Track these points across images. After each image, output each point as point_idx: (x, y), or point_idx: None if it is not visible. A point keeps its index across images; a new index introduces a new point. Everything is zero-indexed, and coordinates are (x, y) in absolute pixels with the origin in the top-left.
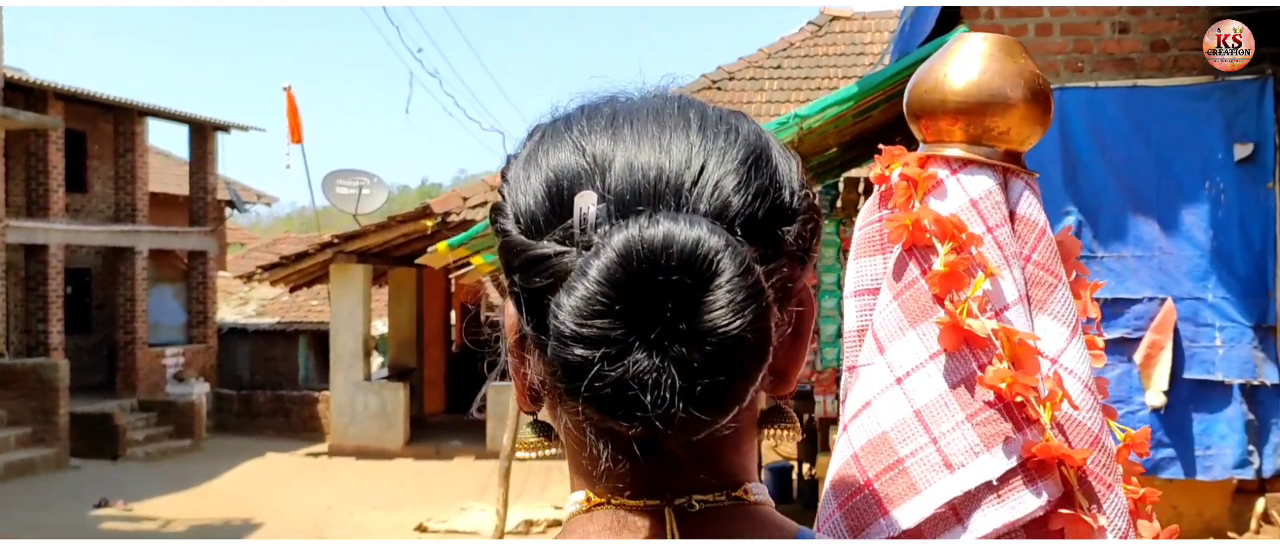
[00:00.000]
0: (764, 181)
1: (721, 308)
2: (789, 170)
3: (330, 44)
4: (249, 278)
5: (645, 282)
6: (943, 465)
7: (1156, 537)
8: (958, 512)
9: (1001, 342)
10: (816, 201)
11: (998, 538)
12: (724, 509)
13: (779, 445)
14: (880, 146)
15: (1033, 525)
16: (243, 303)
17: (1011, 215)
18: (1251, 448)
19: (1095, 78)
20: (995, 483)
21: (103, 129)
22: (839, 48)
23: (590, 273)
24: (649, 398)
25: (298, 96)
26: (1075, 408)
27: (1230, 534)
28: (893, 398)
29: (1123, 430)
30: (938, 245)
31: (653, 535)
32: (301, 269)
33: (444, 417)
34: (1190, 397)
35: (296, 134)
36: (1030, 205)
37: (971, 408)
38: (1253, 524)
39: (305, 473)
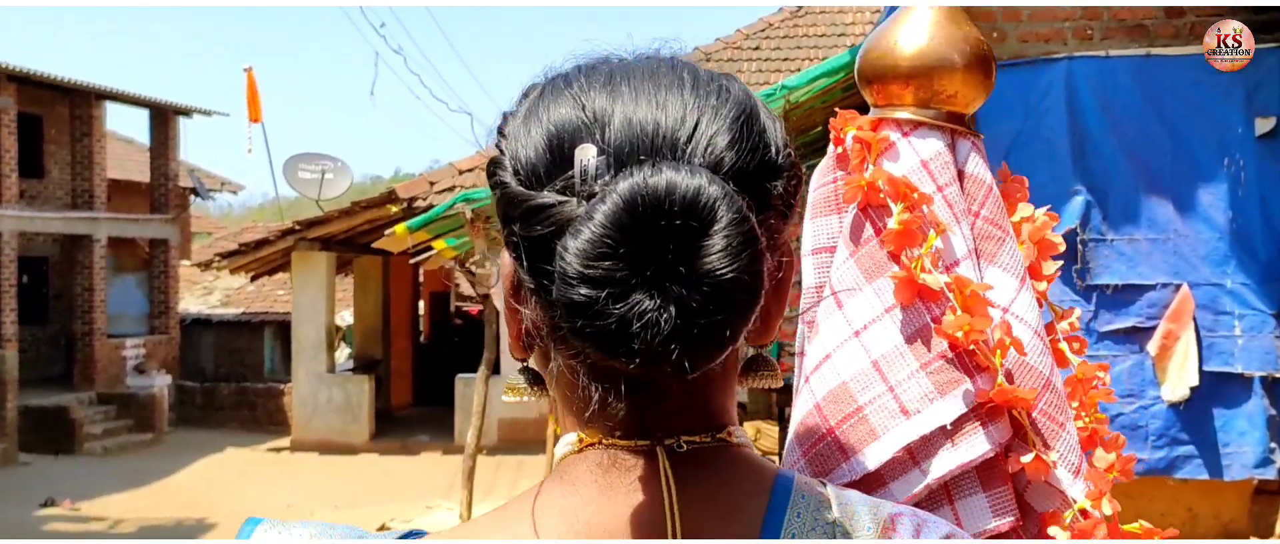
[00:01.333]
0: (754, 139)
1: (719, 252)
2: (775, 130)
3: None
4: (207, 266)
5: (649, 226)
6: (899, 412)
7: (1151, 535)
8: (914, 456)
9: (954, 293)
10: (798, 162)
11: (949, 478)
12: (709, 449)
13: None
14: (836, 110)
15: (984, 466)
16: (207, 293)
17: (960, 174)
18: (1273, 445)
19: (1105, 46)
20: (949, 428)
21: (59, 113)
22: (819, 29)
23: (597, 217)
24: (649, 335)
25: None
26: (1024, 354)
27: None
28: (851, 350)
29: (1078, 360)
30: (891, 205)
31: (644, 474)
32: (262, 257)
33: (412, 410)
34: (1208, 390)
35: (255, 113)
36: (977, 164)
37: (926, 357)
38: (1278, 528)
39: (266, 469)
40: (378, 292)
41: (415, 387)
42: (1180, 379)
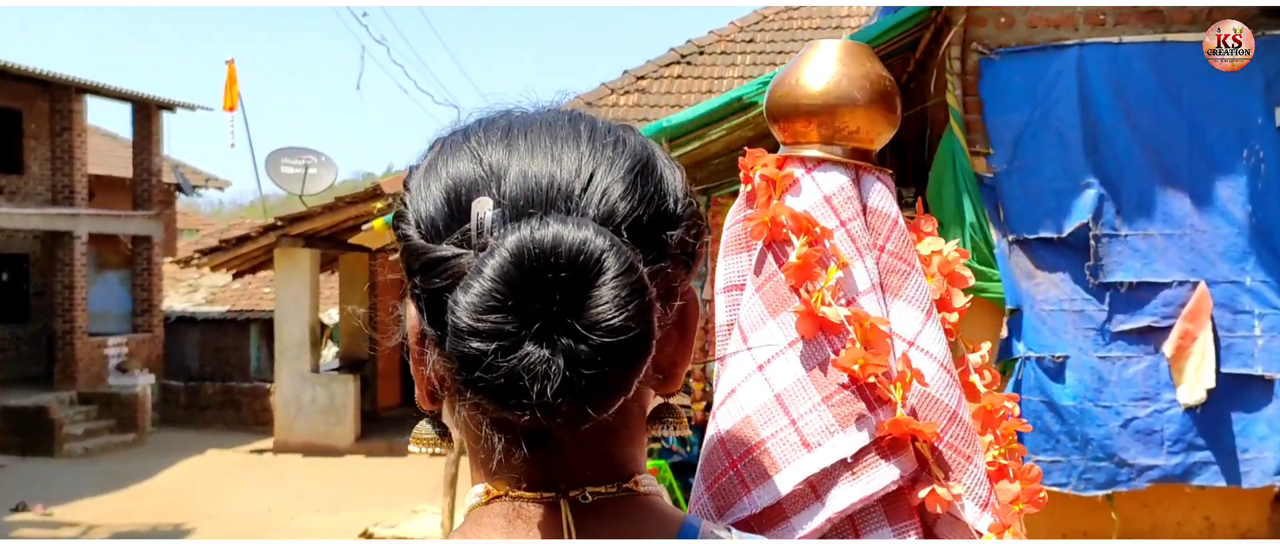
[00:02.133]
0: (649, 189)
1: (606, 303)
2: (673, 179)
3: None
4: (187, 262)
5: (536, 279)
6: (801, 445)
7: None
8: (815, 489)
9: (854, 327)
10: (700, 209)
11: (854, 512)
12: (615, 500)
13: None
14: (744, 149)
15: (889, 499)
16: (192, 290)
17: (864, 208)
18: None
19: (1119, 32)
20: (850, 460)
21: (39, 107)
22: (814, 21)
23: (485, 271)
24: (538, 388)
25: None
26: (925, 386)
27: None
28: (755, 384)
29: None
30: (794, 239)
31: (547, 525)
32: (243, 254)
33: (399, 410)
34: (1226, 393)
35: (231, 101)
36: (882, 198)
37: (827, 390)
38: None
39: (248, 471)
40: (364, 289)
41: (403, 387)
42: (1197, 381)
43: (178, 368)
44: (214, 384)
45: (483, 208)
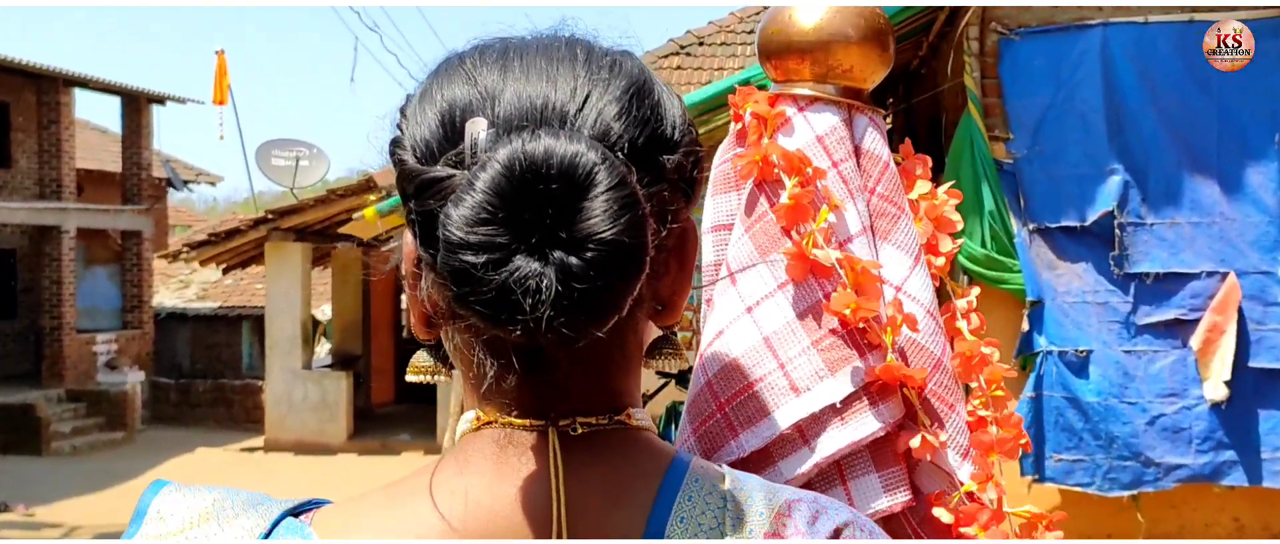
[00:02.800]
0: (645, 112)
1: (598, 215)
2: (671, 105)
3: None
4: (175, 257)
5: (527, 191)
6: (789, 389)
7: (1038, 520)
8: (804, 433)
9: (845, 271)
10: (698, 138)
11: (841, 457)
12: (606, 432)
13: None
14: (735, 87)
15: (875, 444)
16: (183, 286)
17: (856, 150)
18: None
19: (1145, 11)
20: (839, 406)
21: (26, 99)
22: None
23: (477, 183)
24: (530, 302)
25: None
26: (916, 332)
27: None
28: (743, 326)
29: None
30: (785, 179)
31: (537, 453)
32: (233, 248)
33: (393, 407)
34: (1255, 388)
35: (221, 94)
36: (874, 140)
37: (817, 334)
38: None
39: (237, 470)
40: (357, 284)
41: (397, 384)
42: (1222, 376)
43: (168, 365)
44: (205, 381)
45: (476, 128)
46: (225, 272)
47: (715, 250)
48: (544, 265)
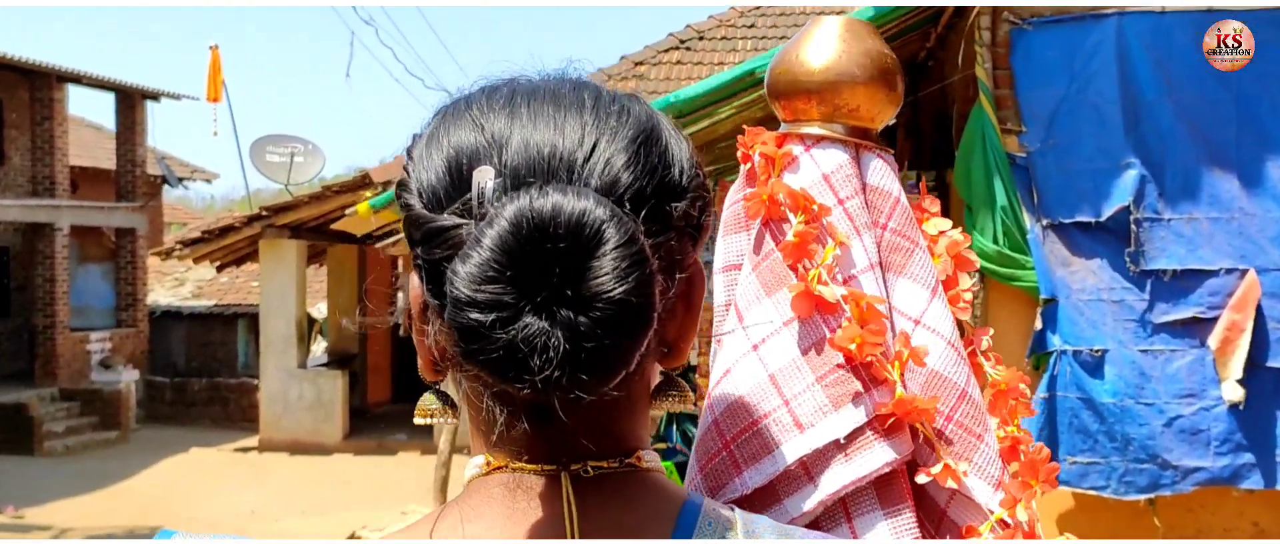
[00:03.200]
0: (653, 160)
1: (606, 274)
2: (679, 150)
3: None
4: (168, 254)
5: (534, 249)
6: (794, 425)
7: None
8: (808, 469)
9: (851, 306)
10: (706, 181)
11: (846, 494)
12: (617, 475)
13: None
14: (744, 127)
15: (882, 481)
16: (178, 284)
17: (864, 186)
18: None
19: (1161, 0)
20: (842, 441)
21: (19, 96)
22: (818, 4)
23: (484, 241)
24: (537, 361)
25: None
26: (922, 365)
27: None
28: (749, 364)
29: (994, 374)
30: (791, 217)
31: (549, 499)
32: (226, 245)
33: (389, 407)
34: (1275, 388)
35: (215, 92)
36: (884, 176)
37: (822, 370)
38: None
39: (232, 471)
40: (353, 282)
41: (394, 383)
42: (1238, 375)
43: (163, 364)
44: (200, 380)
45: (484, 177)
46: (219, 269)
47: (726, 291)
48: (552, 324)
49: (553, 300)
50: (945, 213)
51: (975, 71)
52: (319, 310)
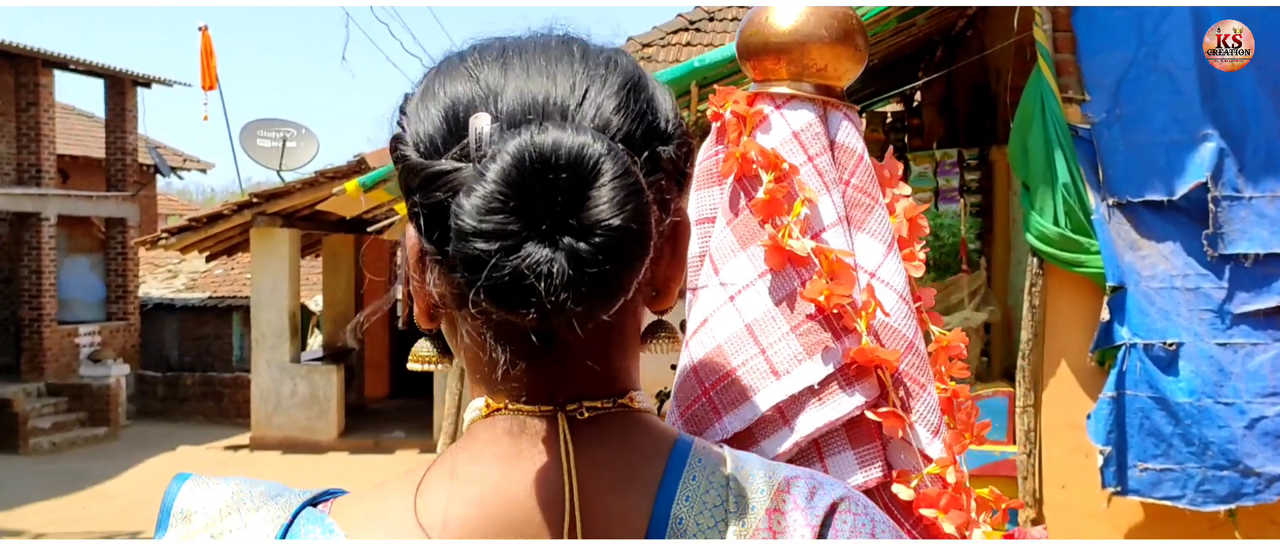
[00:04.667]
0: (641, 106)
1: (605, 203)
2: (664, 100)
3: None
4: (153, 244)
5: (537, 181)
6: (770, 373)
7: (999, 501)
8: (784, 414)
9: (820, 260)
10: (689, 131)
11: (819, 436)
12: (611, 415)
13: None
14: (715, 87)
15: (851, 423)
16: (171, 276)
17: (831, 144)
18: None
19: None
20: (816, 387)
21: (4, 81)
22: None
23: (488, 174)
24: (542, 286)
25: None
26: (887, 315)
27: None
28: (726, 314)
29: (937, 331)
30: (763, 175)
31: (547, 439)
32: (216, 234)
33: (386, 402)
34: None
35: (209, 79)
36: (849, 134)
37: (795, 320)
38: None
39: (220, 470)
40: (350, 273)
41: (392, 377)
42: None
43: (155, 358)
44: (193, 375)
45: (480, 122)
46: (209, 259)
47: (700, 243)
48: (554, 251)
49: (555, 229)
50: (988, 191)
51: (1032, 34)
52: (317, 303)
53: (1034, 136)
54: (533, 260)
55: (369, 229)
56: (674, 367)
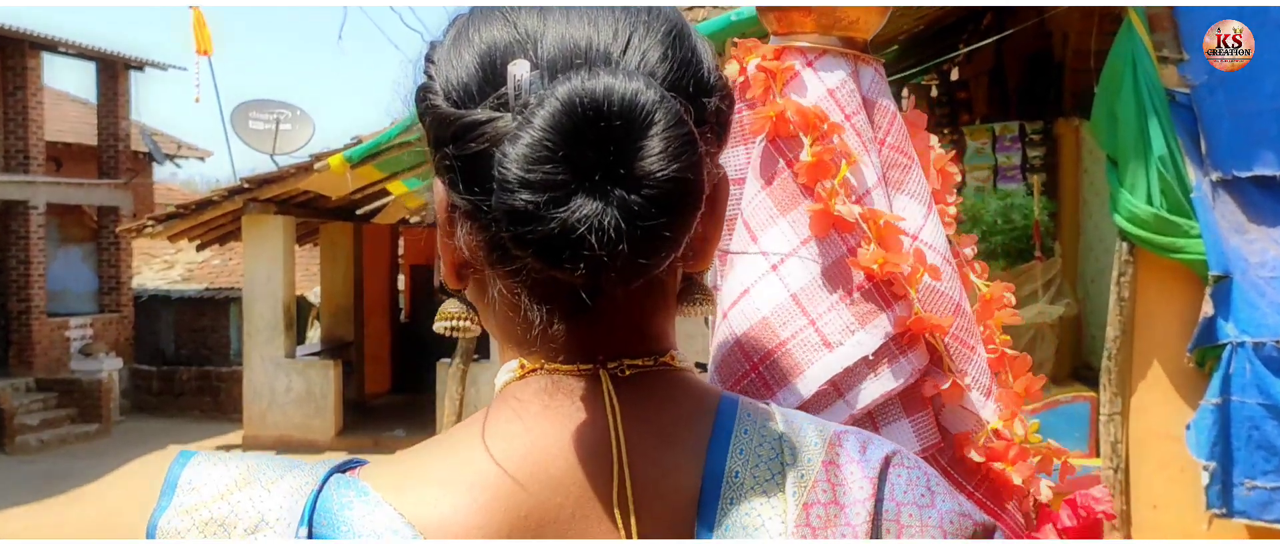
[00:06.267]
0: (686, 55)
1: (658, 153)
2: (706, 51)
3: None
4: (139, 231)
5: (588, 128)
6: (822, 345)
7: (1058, 453)
8: (838, 387)
9: (869, 225)
10: (730, 84)
11: (873, 407)
12: (653, 373)
13: None
14: (734, 41)
15: (905, 392)
16: (167, 266)
17: (865, 102)
18: None
19: None
20: (871, 358)
21: None
22: None
23: (536, 121)
24: (593, 238)
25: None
26: (939, 281)
27: None
28: (769, 284)
29: (986, 286)
30: (802, 136)
31: (588, 398)
32: (205, 221)
33: (388, 398)
34: None
35: (204, 44)
36: (880, 90)
37: (844, 289)
38: None
39: None
40: (348, 264)
41: (393, 373)
42: None
43: (151, 351)
44: (189, 369)
45: (520, 69)
46: (200, 249)
47: (730, 205)
48: (606, 203)
49: (606, 179)
50: (1053, 168)
51: None
52: (316, 294)
53: (1124, 103)
54: (583, 213)
55: (372, 219)
56: (708, 323)
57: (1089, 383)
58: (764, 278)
